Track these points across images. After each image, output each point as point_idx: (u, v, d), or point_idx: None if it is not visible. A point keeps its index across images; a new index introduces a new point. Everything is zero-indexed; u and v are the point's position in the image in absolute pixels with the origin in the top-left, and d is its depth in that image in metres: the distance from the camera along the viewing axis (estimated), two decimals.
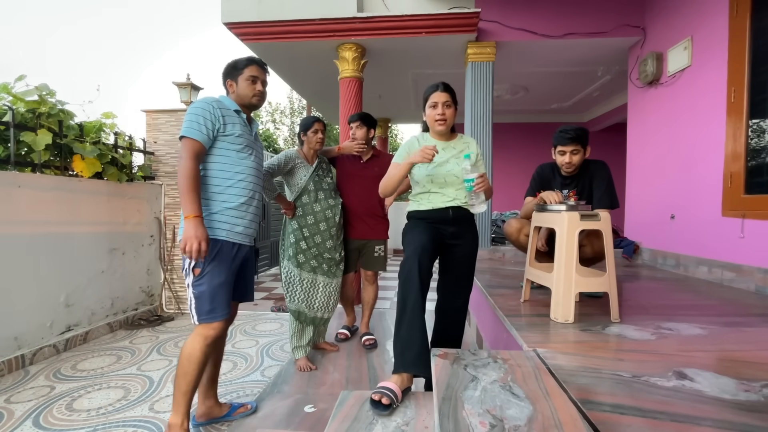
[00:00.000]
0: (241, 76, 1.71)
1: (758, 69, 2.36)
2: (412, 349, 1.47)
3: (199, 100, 1.64)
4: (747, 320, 1.76)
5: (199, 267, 1.57)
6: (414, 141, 1.80)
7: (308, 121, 2.44)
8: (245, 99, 1.73)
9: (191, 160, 1.53)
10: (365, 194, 2.56)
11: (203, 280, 1.57)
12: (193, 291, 1.59)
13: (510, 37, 3.69)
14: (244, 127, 1.71)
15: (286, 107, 14.93)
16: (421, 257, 1.53)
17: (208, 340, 1.60)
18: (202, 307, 1.58)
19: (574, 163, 2.04)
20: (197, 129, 1.57)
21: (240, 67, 1.71)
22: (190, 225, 1.47)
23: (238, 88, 1.72)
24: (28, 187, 2.57)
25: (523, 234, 2.21)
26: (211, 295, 1.58)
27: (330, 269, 2.46)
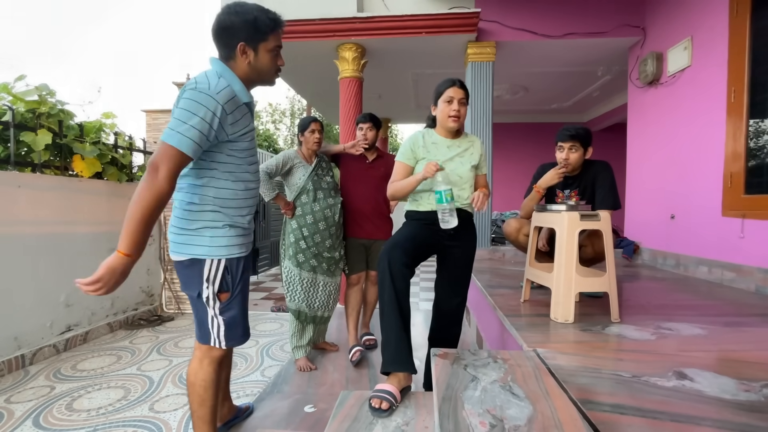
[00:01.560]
0: (263, 44, 1.28)
1: (758, 69, 2.36)
2: (389, 348, 1.47)
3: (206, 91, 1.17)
4: (747, 320, 1.76)
5: (227, 291, 1.35)
6: (419, 136, 1.76)
7: (305, 122, 2.45)
8: (265, 75, 1.33)
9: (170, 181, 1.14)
10: (371, 194, 2.57)
11: (233, 304, 1.37)
12: (223, 318, 1.35)
13: (510, 37, 3.69)
14: (250, 119, 1.36)
15: (286, 108, 14.93)
16: (390, 256, 1.50)
17: (218, 360, 1.43)
18: (234, 333, 1.38)
19: (571, 161, 2.03)
20: (195, 140, 1.16)
21: (264, 30, 1.26)
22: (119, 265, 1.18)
23: (257, 59, 1.28)
24: (28, 187, 2.57)
25: (522, 234, 2.21)
26: (243, 317, 1.41)
27: (330, 268, 2.46)
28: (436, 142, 1.75)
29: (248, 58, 1.27)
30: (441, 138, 1.76)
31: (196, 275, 1.32)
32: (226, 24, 1.24)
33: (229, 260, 1.34)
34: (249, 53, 1.27)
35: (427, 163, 1.60)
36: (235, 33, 1.24)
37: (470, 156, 1.75)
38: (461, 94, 1.68)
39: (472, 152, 1.76)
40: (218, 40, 1.27)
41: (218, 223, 1.31)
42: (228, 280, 1.35)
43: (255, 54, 1.27)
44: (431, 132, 1.78)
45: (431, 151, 1.73)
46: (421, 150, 1.73)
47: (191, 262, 1.32)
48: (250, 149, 1.37)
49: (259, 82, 1.36)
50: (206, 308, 1.36)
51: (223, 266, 1.33)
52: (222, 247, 1.32)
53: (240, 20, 1.23)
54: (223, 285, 1.34)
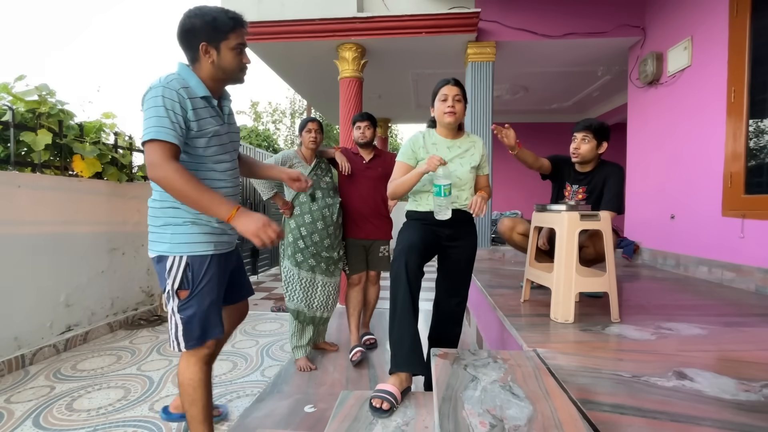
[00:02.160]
0: (225, 43, 1.29)
1: (758, 69, 2.36)
2: (402, 348, 1.46)
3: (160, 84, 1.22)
4: (747, 320, 1.76)
5: (186, 288, 1.32)
6: (419, 136, 1.76)
7: (303, 122, 2.48)
8: (230, 74, 1.35)
9: (174, 162, 1.19)
10: (369, 194, 2.56)
11: (192, 303, 1.33)
12: (180, 316, 1.32)
13: (510, 37, 3.69)
14: (216, 118, 1.34)
15: (286, 108, 14.93)
16: (407, 257, 1.51)
17: (204, 359, 1.42)
18: (191, 334, 1.34)
19: (582, 151, 2.04)
20: (170, 128, 1.19)
21: (223, 29, 1.28)
22: (244, 219, 1.20)
23: (220, 58, 1.30)
24: (28, 187, 2.57)
25: (516, 232, 2.21)
26: (202, 318, 1.35)
27: (328, 268, 2.46)
28: (437, 142, 1.75)
29: (211, 57, 1.30)
30: (441, 138, 1.76)
31: (163, 272, 1.33)
32: (188, 27, 1.28)
33: (191, 257, 1.32)
34: (212, 52, 1.29)
35: (430, 156, 1.60)
36: (196, 34, 1.27)
37: (471, 157, 1.75)
38: (455, 90, 1.69)
39: (473, 153, 1.75)
40: (182, 44, 1.31)
41: (179, 220, 1.30)
42: (188, 277, 1.32)
43: (218, 53, 1.30)
44: (432, 132, 1.78)
45: (431, 152, 1.73)
46: (421, 150, 1.73)
47: (159, 259, 1.33)
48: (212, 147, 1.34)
49: (227, 80, 1.38)
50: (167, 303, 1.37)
51: (184, 263, 1.31)
52: (183, 243, 1.31)
53: (200, 22, 1.26)
54: (183, 282, 1.31)
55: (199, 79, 1.31)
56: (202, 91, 1.30)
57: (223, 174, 1.39)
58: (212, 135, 1.32)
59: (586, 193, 2.09)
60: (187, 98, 1.24)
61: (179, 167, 1.18)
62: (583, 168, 2.13)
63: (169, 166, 1.17)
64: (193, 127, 1.26)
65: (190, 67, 1.33)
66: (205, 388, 1.42)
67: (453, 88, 1.69)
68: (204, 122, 1.29)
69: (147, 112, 1.20)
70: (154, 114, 1.18)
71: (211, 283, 1.36)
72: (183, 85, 1.25)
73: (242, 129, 11.10)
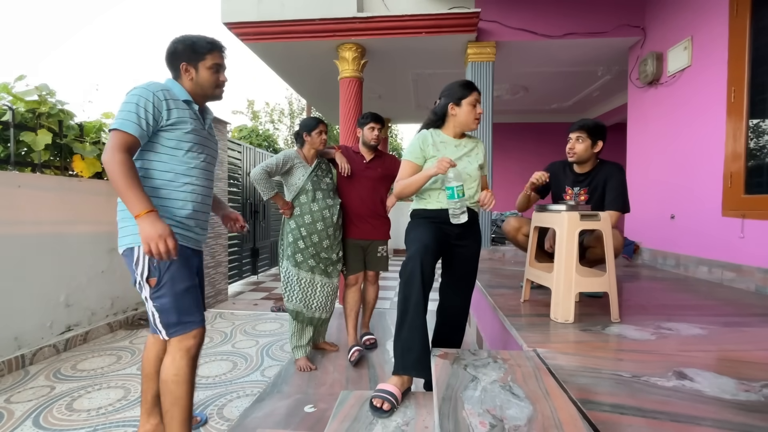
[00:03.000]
0: (202, 63, 1.45)
1: (758, 69, 2.36)
2: (412, 352, 1.45)
3: (141, 86, 1.35)
4: (747, 320, 1.76)
5: (154, 276, 1.35)
6: (428, 135, 1.75)
7: (312, 123, 2.43)
8: (207, 90, 1.49)
9: (122, 152, 1.26)
10: (368, 195, 2.56)
11: (163, 291, 1.36)
12: (154, 304, 1.36)
13: (510, 37, 3.69)
14: (195, 121, 1.45)
15: (284, 108, 14.92)
16: (423, 257, 1.49)
17: (191, 352, 1.40)
18: (167, 319, 1.37)
19: (577, 151, 2.05)
20: (134, 122, 1.29)
21: (201, 51, 1.44)
22: (146, 223, 1.22)
23: (198, 76, 1.46)
24: (28, 187, 2.57)
25: (522, 233, 2.21)
26: (176, 303, 1.37)
27: (327, 269, 2.46)
28: (445, 141, 1.75)
29: (190, 75, 1.46)
30: (449, 137, 1.77)
31: (131, 264, 1.37)
32: (172, 50, 1.46)
33: None
34: (191, 71, 1.46)
35: (439, 159, 1.58)
36: (178, 56, 1.45)
37: (476, 156, 1.76)
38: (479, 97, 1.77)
39: (477, 152, 1.77)
40: (168, 64, 1.48)
41: None
42: (154, 264, 1.35)
43: (196, 71, 1.46)
44: (438, 131, 1.78)
45: (440, 150, 1.72)
46: (430, 148, 1.72)
47: (127, 252, 1.38)
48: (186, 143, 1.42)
49: (205, 96, 1.51)
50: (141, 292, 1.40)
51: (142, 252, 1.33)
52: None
53: (182, 45, 1.45)
54: (151, 270, 1.35)
55: (182, 89, 1.45)
56: (184, 96, 1.44)
57: (197, 171, 1.46)
58: (189, 131, 1.42)
59: (588, 194, 2.09)
60: (164, 99, 1.36)
61: (124, 158, 1.26)
62: (581, 169, 2.13)
63: (116, 154, 1.25)
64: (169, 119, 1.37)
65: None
66: (189, 387, 1.40)
67: (479, 95, 1.77)
68: (181, 119, 1.40)
69: (120, 106, 1.32)
70: (125, 108, 1.31)
71: (180, 270, 1.39)
72: (163, 89, 1.38)
73: (242, 129, 11.08)
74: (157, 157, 1.39)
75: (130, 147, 1.30)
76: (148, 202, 1.25)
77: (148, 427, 1.59)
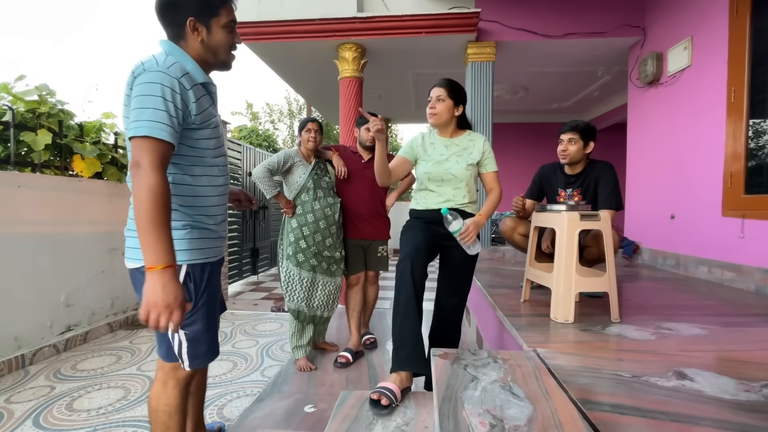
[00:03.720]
0: (216, 19, 1.14)
1: (758, 69, 2.36)
2: (405, 348, 1.47)
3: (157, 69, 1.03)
4: (747, 320, 1.76)
5: (190, 300, 1.15)
6: (419, 137, 1.80)
7: (303, 122, 2.49)
8: (220, 56, 1.19)
9: (159, 174, 0.98)
10: (367, 194, 2.56)
11: (197, 317, 1.17)
12: (185, 333, 1.16)
13: (510, 37, 3.69)
14: (214, 107, 1.21)
15: (284, 108, 14.92)
16: (413, 258, 1.53)
17: (185, 381, 1.24)
18: (197, 350, 1.18)
19: (569, 152, 2.06)
20: (167, 123, 1.00)
21: (215, 3, 1.13)
22: (155, 283, 0.96)
23: (211, 36, 1.14)
24: (28, 187, 2.57)
25: (518, 233, 2.22)
26: (209, 332, 1.21)
27: (329, 268, 2.46)
28: (434, 142, 1.78)
29: (201, 36, 1.13)
30: (439, 138, 1.78)
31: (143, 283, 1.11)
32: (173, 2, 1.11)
33: (191, 266, 1.15)
34: (201, 30, 1.13)
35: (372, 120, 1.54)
36: (182, 8, 1.10)
37: (469, 155, 1.74)
38: (438, 91, 1.71)
39: (471, 151, 1.75)
40: (164, 18, 1.13)
41: (177, 223, 1.12)
42: (191, 288, 1.15)
43: (207, 30, 1.13)
44: (432, 133, 1.81)
45: (428, 151, 1.76)
46: (419, 149, 1.77)
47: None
48: (214, 139, 1.19)
49: (215, 63, 1.20)
50: None
51: (183, 272, 1.13)
52: (181, 250, 1.12)
53: None
54: (186, 294, 1.11)
55: (195, 63, 1.14)
56: (202, 77, 1.14)
57: (222, 169, 1.25)
58: (215, 126, 1.19)
59: (581, 194, 2.10)
60: (189, 89, 1.07)
61: (161, 184, 0.98)
62: (572, 170, 2.14)
63: (152, 176, 0.97)
64: (196, 121, 1.11)
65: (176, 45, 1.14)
66: (182, 416, 1.24)
67: (437, 89, 1.72)
68: (206, 113, 1.14)
69: (141, 101, 1.00)
70: (152, 105, 0.99)
71: (212, 293, 1.22)
72: (183, 72, 1.07)
73: (242, 129, 11.07)
74: (181, 160, 1.12)
75: (167, 160, 1.02)
76: (170, 255, 0.99)
77: None
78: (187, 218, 1.16)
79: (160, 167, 0.99)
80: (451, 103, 1.71)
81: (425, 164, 1.74)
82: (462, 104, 1.75)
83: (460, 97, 1.74)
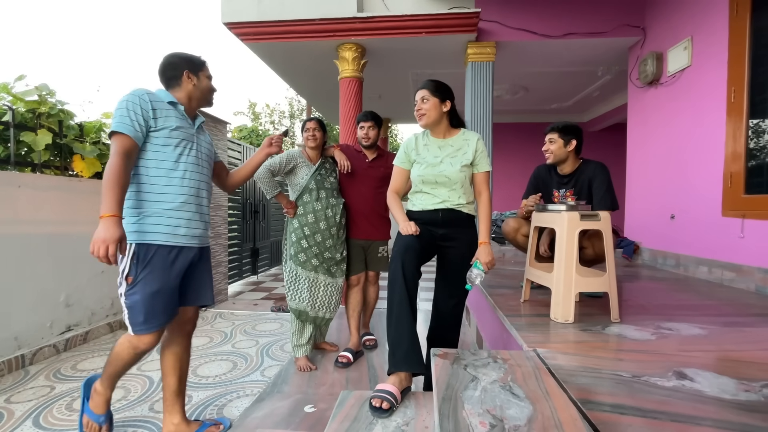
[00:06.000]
0: (202, 72, 1.67)
1: (758, 69, 2.36)
2: (401, 348, 1.47)
3: (128, 93, 1.51)
4: (747, 320, 1.76)
5: (132, 275, 1.45)
6: (412, 140, 1.79)
7: (303, 122, 2.51)
8: (206, 94, 1.69)
9: (120, 156, 1.38)
10: (370, 194, 2.56)
11: (136, 289, 1.46)
12: (126, 301, 1.47)
13: (510, 37, 3.69)
14: (181, 119, 1.58)
15: (285, 109, 14.93)
16: (404, 257, 1.53)
17: (137, 351, 1.53)
18: (135, 318, 1.47)
19: (552, 151, 2.11)
20: (128, 124, 1.43)
21: (199, 63, 1.67)
22: (101, 225, 1.33)
23: (200, 82, 1.66)
24: (28, 187, 2.57)
25: (521, 234, 2.21)
26: (145, 305, 1.46)
27: (330, 269, 2.46)
28: (428, 144, 1.76)
29: (193, 81, 1.64)
30: (433, 139, 1.77)
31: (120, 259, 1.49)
32: (171, 61, 1.63)
33: (138, 245, 1.46)
34: (193, 78, 1.64)
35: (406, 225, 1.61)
36: (178, 66, 1.62)
37: (463, 156, 1.71)
38: (421, 93, 1.71)
39: (465, 151, 1.71)
40: (164, 73, 1.62)
41: (134, 210, 1.49)
42: (134, 264, 1.46)
43: (197, 78, 1.65)
44: (426, 134, 1.79)
45: (422, 153, 1.75)
46: (413, 153, 1.76)
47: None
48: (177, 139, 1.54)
49: (202, 101, 1.69)
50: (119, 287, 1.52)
51: (132, 250, 1.46)
52: (132, 232, 1.47)
53: (181, 58, 1.64)
54: (131, 269, 1.45)
55: (168, 93, 1.60)
56: (168, 98, 1.57)
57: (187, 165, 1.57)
58: (174, 128, 1.54)
59: (574, 195, 2.10)
60: (149, 101, 1.49)
61: (119, 161, 1.37)
62: (564, 170, 2.15)
63: (114, 157, 1.38)
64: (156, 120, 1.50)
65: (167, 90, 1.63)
66: (124, 367, 1.57)
67: (419, 91, 1.71)
68: (166, 119, 1.52)
69: (114, 113, 1.46)
70: (117, 114, 1.44)
71: (154, 273, 1.47)
72: (148, 93, 1.52)
73: (242, 129, 11.08)
74: (148, 156, 1.50)
75: (129, 150, 1.42)
76: (115, 208, 1.34)
77: (171, 428, 1.69)
78: (144, 206, 1.49)
79: (123, 152, 1.40)
80: (436, 101, 1.69)
81: (419, 167, 1.72)
82: (448, 99, 1.71)
83: (443, 93, 1.70)
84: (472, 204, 1.77)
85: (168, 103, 1.57)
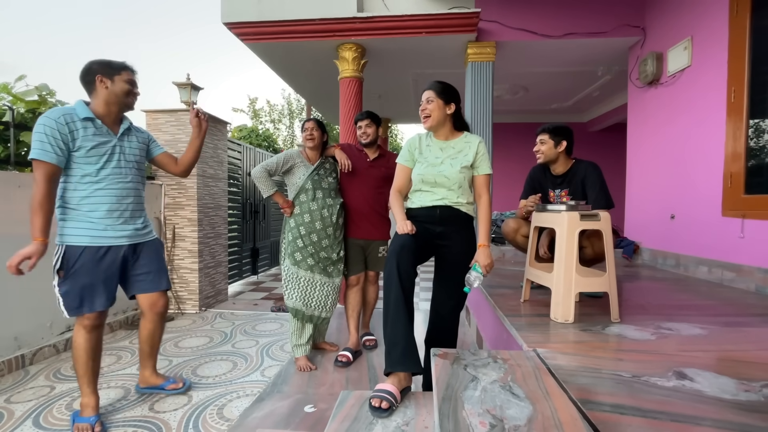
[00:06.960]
0: (118, 76, 1.73)
1: (758, 69, 2.36)
2: (397, 348, 1.47)
3: (44, 115, 1.61)
4: (747, 320, 1.76)
5: (64, 270, 1.70)
6: (416, 139, 1.80)
7: (302, 123, 2.51)
8: (123, 98, 1.76)
9: (44, 183, 1.57)
10: (371, 193, 2.56)
11: (66, 282, 1.72)
12: (59, 290, 1.73)
13: (510, 37, 3.69)
14: (97, 135, 1.71)
15: (284, 108, 14.92)
16: (399, 256, 1.52)
17: (87, 328, 1.78)
18: (71, 304, 1.74)
19: (542, 151, 2.14)
20: (50, 151, 1.57)
21: (116, 68, 1.74)
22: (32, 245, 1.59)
23: (114, 86, 1.73)
24: (28, 187, 2.57)
25: (520, 234, 2.22)
26: (77, 294, 1.73)
27: (326, 268, 2.47)
28: (430, 144, 1.77)
29: (106, 85, 1.72)
30: (435, 140, 1.78)
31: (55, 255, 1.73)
32: (87, 67, 1.73)
33: (67, 247, 1.71)
34: (106, 81, 1.72)
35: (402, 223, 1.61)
36: (94, 71, 1.71)
37: (463, 157, 1.71)
38: (427, 94, 1.72)
39: (466, 153, 1.72)
40: (83, 79, 1.73)
41: (65, 216, 1.73)
42: (64, 262, 1.71)
43: (111, 82, 1.73)
44: (429, 135, 1.80)
45: (424, 153, 1.76)
46: (416, 152, 1.77)
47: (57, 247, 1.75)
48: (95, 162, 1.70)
49: (120, 104, 1.78)
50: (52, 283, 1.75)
51: (63, 250, 1.71)
52: (63, 235, 1.73)
53: (97, 64, 1.74)
54: (62, 265, 1.71)
55: (85, 106, 1.71)
56: (84, 113, 1.68)
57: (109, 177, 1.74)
58: (91, 147, 1.68)
59: (569, 195, 2.11)
60: (66, 124, 1.61)
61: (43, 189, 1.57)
62: (557, 170, 2.17)
63: (38, 185, 1.57)
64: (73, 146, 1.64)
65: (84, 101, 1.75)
66: (86, 353, 1.79)
67: (425, 92, 1.73)
68: (84, 139, 1.66)
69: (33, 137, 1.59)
70: (36, 139, 1.57)
71: (83, 270, 1.72)
72: (65, 113, 1.63)
73: (242, 129, 11.07)
74: (71, 171, 1.68)
75: (52, 175, 1.60)
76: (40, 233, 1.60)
77: (144, 377, 2.10)
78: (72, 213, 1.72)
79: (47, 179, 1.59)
80: (441, 102, 1.70)
81: (420, 166, 1.73)
82: (453, 102, 1.72)
83: (449, 95, 1.71)
84: (471, 205, 1.76)
85: (84, 119, 1.68)
